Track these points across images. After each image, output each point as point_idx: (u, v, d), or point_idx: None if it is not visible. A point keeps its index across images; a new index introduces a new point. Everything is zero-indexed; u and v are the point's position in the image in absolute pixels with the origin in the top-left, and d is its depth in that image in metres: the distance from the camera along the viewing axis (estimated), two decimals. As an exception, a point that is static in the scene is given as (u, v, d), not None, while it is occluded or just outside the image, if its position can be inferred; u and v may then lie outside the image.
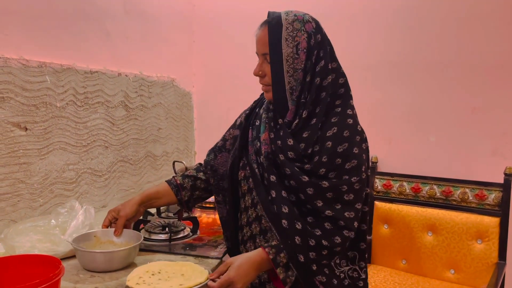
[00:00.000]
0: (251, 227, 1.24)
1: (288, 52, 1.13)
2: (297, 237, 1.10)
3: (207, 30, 2.72)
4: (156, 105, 2.29)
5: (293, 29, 1.13)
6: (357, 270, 1.23)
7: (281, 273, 1.09)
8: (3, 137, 1.40)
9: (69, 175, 1.70)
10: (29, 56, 1.50)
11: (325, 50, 1.15)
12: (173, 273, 1.17)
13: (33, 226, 1.35)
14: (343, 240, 1.12)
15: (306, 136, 1.15)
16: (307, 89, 1.15)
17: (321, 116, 1.15)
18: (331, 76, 1.15)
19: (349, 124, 1.15)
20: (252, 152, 1.25)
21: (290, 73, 1.14)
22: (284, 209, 1.13)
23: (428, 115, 2.28)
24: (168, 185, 1.41)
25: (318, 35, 1.15)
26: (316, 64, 1.14)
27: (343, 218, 1.11)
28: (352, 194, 1.13)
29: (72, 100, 1.69)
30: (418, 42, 2.26)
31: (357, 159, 1.13)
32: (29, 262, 1.04)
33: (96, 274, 1.22)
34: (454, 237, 2.10)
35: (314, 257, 1.10)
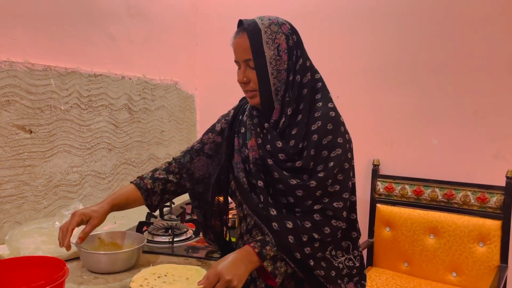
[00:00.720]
0: (246, 221, 1.27)
1: (270, 54, 1.16)
2: (290, 236, 1.12)
3: (210, 33, 2.74)
4: (159, 108, 2.31)
5: (271, 32, 1.17)
6: (352, 259, 1.25)
7: (268, 266, 1.10)
8: (8, 139, 1.42)
9: (73, 177, 1.72)
10: (34, 60, 1.52)
11: (302, 49, 1.20)
12: (179, 277, 1.18)
13: (38, 228, 1.37)
14: (333, 230, 1.15)
15: (295, 132, 1.18)
16: (290, 88, 1.18)
17: (305, 112, 1.18)
18: (309, 73, 1.20)
19: (331, 116, 1.18)
20: (239, 160, 1.26)
21: (274, 74, 1.17)
22: (272, 211, 1.16)
23: (430, 118, 2.28)
24: (137, 190, 1.34)
25: (294, 36, 1.20)
26: (296, 63, 1.18)
27: (331, 208, 1.14)
28: (337, 185, 1.16)
29: (76, 103, 1.71)
30: (420, 44, 2.27)
31: (341, 148, 1.16)
32: (34, 264, 1.05)
33: (100, 276, 1.23)
34: (456, 240, 2.10)
35: (309, 251, 1.13)
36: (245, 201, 1.23)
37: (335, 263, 1.20)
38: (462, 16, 2.17)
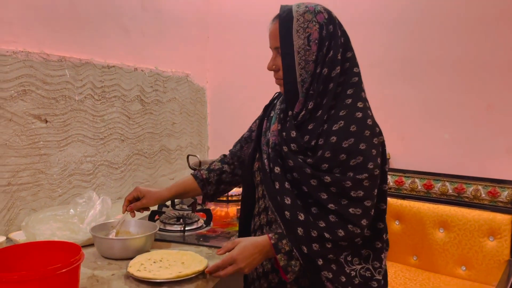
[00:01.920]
0: (260, 217, 1.25)
1: (299, 44, 1.12)
2: (300, 228, 1.09)
3: (221, 26, 2.75)
4: (170, 100, 2.33)
5: (304, 20, 1.12)
6: (370, 269, 1.16)
7: (281, 260, 1.09)
8: (25, 128, 1.45)
9: (86, 167, 1.75)
10: (49, 51, 1.55)
11: (336, 40, 1.13)
12: (174, 261, 1.21)
13: (53, 215, 1.40)
14: (348, 235, 1.08)
15: (311, 128, 1.14)
16: (316, 81, 1.13)
17: (327, 107, 1.12)
18: (340, 67, 1.13)
19: (357, 118, 1.10)
20: (264, 142, 1.25)
21: (301, 65, 1.13)
22: (287, 200, 1.12)
23: (442, 112, 2.27)
24: (194, 180, 1.43)
25: (330, 26, 1.13)
26: (326, 55, 1.12)
27: (346, 213, 1.08)
28: (361, 191, 1.08)
29: (90, 93, 1.74)
30: (432, 38, 2.26)
31: (363, 155, 1.08)
32: (50, 248, 1.08)
33: (113, 262, 1.26)
34: (466, 234, 2.10)
35: (318, 249, 1.08)
36: (265, 185, 1.20)
37: (347, 269, 1.13)
38: (475, 10, 2.16)
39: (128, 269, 1.15)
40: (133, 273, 1.12)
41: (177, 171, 2.43)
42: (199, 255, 1.25)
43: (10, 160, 1.41)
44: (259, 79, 2.66)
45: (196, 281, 1.15)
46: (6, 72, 1.38)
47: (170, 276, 1.12)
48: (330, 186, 1.09)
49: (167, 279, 1.11)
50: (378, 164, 1.11)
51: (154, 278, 1.11)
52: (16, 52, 1.41)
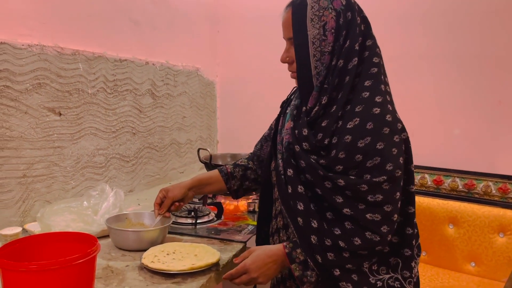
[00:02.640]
0: (276, 220, 1.20)
1: (314, 33, 1.03)
2: (313, 236, 1.03)
3: (231, 20, 2.75)
4: (181, 93, 2.34)
5: (319, 7, 1.03)
6: (400, 280, 1.06)
7: (296, 270, 1.04)
8: (39, 121, 1.47)
9: (99, 159, 1.76)
10: (63, 44, 1.56)
11: (354, 29, 1.03)
12: (187, 254, 1.23)
13: (67, 207, 1.42)
14: (365, 243, 1.00)
15: (325, 125, 1.04)
16: (331, 74, 1.04)
17: (342, 102, 1.03)
18: (357, 57, 1.03)
19: (374, 114, 1.00)
20: (279, 141, 1.18)
21: (317, 57, 1.04)
22: (300, 206, 1.05)
23: (453, 108, 2.26)
24: (219, 173, 1.40)
25: (348, 13, 1.03)
26: (343, 45, 1.03)
27: (363, 219, 0.99)
28: (380, 195, 0.99)
29: (102, 87, 1.75)
30: (443, 33, 2.24)
31: (382, 155, 0.98)
32: (66, 239, 1.09)
33: (127, 253, 1.28)
34: (475, 230, 2.10)
35: (333, 258, 1.01)
36: (278, 188, 1.14)
37: (372, 280, 1.04)
38: (487, 5, 2.14)
39: (142, 260, 1.17)
40: (147, 265, 1.14)
41: (187, 164, 2.44)
42: (211, 248, 1.27)
43: (25, 152, 1.42)
44: (269, 74, 2.66)
45: (209, 273, 1.16)
46: (22, 65, 1.39)
47: (184, 268, 1.13)
48: (345, 189, 1.00)
49: (180, 271, 1.12)
50: (399, 164, 1.01)
51: (168, 270, 1.12)
52: (31, 46, 1.42)
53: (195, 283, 1.11)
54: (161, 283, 1.10)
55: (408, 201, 1.07)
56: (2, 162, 1.35)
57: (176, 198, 1.35)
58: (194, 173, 2.50)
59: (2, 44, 1.33)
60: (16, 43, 1.37)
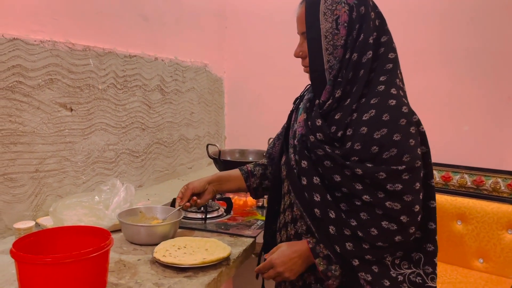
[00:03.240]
0: (285, 214, 1.20)
1: (326, 27, 1.04)
2: (331, 226, 1.03)
3: (239, 16, 2.75)
4: (189, 89, 2.35)
5: (332, 2, 1.04)
6: (422, 275, 1.05)
7: (320, 264, 1.04)
8: (51, 116, 1.48)
9: (109, 155, 1.78)
10: (74, 40, 1.57)
11: (368, 23, 1.04)
12: (198, 248, 1.24)
13: (79, 201, 1.43)
14: (382, 233, 0.99)
15: (338, 118, 1.05)
16: (345, 67, 1.04)
17: (357, 96, 1.03)
18: (372, 51, 1.04)
19: (390, 105, 1.00)
20: (291, 135, 1.20)
21: (329, 50, 1.05)
22: (316, 197, 1.05)
23: (461, 104, 2.25)
24: (239, 171, 1.43)
25: (361, 7, 1.04)
26: (357, 38, 1.03)
27: (382, 207, 0.99)
28: (400, 184, 0.98)
29: (112, 83, 1.76)
30: (452, 29, 2.23)
31: (398, 147, 0.98)
32: (80, 233, 1.11)
33: (138, 247, 1.29)
34: (484, 227, 2.10)
35: (352, 248, 1.01)
36: (289, 180, 1.14)
37: (393, 273, 1.03)
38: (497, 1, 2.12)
39: (154, 254, 1.18)
40: (159, 259, 1.15)
41: (195, 160, 2.45)
42: (222, 242, 1.28)
43: (37, 147, 1.44)
44: (277, 70, 2.66)
45: (220, 268, 1.18)
46: (34, 61, 1.40)
47: (195, 262, 1.14)
48: (364, 178, 1.00)
49: (192, 265, 1.14)
50: (418, 155, 1.00)
51: (180, 264, 1.13)
52: (43, 41, 1.43)
53: (207, 277, 1.12)
54: (172, 277, 1.11)
55: (430, 195, 1.07)
56: (15, 157, 1.37)
57: (195, 190, 1.37)
58: (202, 169, 2.52)
59: (15, 40, 1.34)
60: (29, 39, 1.38)
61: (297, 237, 1.15)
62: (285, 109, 1.93)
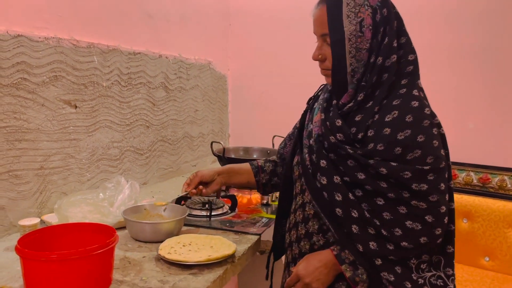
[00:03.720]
0: (295, 214, 1.19)
1: (350, 30, 1.02)
2: (354, 225, 1.02)
3: (243, 13, 2.74)
4: (193, 87, 2.34)
5: (355, 4, 1.02)
6: (442, 277, 1.05)
7: (347, 270, 1.03)
8: (56, 113, 1.48)
9: (113, 152, 1.78)
10: (79, 37, 1.56)
11: (391, 25, 1.03)
12: (203, 245, 1.24)
13: (83, 199, 1.43)
14: (407, 234, 0.98)
15: (359, 119, 1.04)
16: (369, 71, 1.04)
17: (379, 99, 1.03)
18: (396, 55, 1.04)
19: (413, 107, 1.00)
20: (305, 135, 1.18)
21: (352, 53, 1.04)
22: (338, 196, 1.03)
23: (467, 101, 2.23)
24: (249, 165, 1.42)
25: (384, 9, 1.03)
26: (381, 42, 1.03)
27: (407, 205, 0.98)
28: (425, 185, 0.98)
29: (117, 80, 1.76)
30: (459, 27, 2.21)
31: (422, 148, 0.98)
32: (85, 229, 1.11)
33: (143, 245, 1.29)
34: (490, 225, 2.08)
35: (375, 248, 1.00)
36: (306, 182, 1.12)
37: (414, 276, 1.02)
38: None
39: (159, 251, 1.17)
40: (164, 256, 1.15)
41: (199, 158, 2.45)
42: (227, 240, 1.27)
43: (42, 144, 1.44)
44: (281, 67, 2.65)
45: (226, 265, 1.17)
46: (39, 58, 1.40)
47: (200, 259, 1.14)
48: (388, 177, 0.99)
49: (197, 262, 1.13)
50: (442, 156, 1.01)
51: (185, 261, 1.13)
52: (47, 38, 1.43)
53: (212, 274, 1.12)
54: (178, 274, 1.11)
55: (450, 197, 1.06)
56: (20, 154, 1.37)
57: (204, 179, 1.36)
58: (206, 167, 2.51)
59: (19, 37, 1.33)
60: (33, 36, 1.38)
61: (307, 236, 1.14)
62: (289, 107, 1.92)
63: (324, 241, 1.11)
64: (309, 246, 1.13)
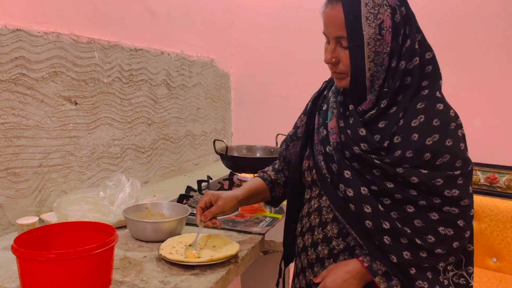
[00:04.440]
0: (310, 218, 1.13)
1: (370, 33, 0.95)
2: (386, 236, 0.97)
3: (246, 10, 2.71)
4: (196, 84, 2.31)
5: (374, 4, 0.94)
6: (465, 276, 1.05)
7: (381, 282, 0.99)
8: (55, 110, 1.45)
9: (114, 150, 1.75)
10: (79, 32, 1.53)
11: (411, 25, 0.97)
12: (205, 245, 1.20)
13: (83, 197, 1.40)
14: (440, 239, 0.96)
15: (383, 126, 0.99)
16: (391, 76, 0.98)
17: (403, 104, 0.99)
18: (418, 57, 0.99)
19: (439, 110, 0.97)
20: (317, 141, 1.11)
21: (371, 57, 0.97)
22: (367, 208, 0.98)
23: (473, 100, 2.20)
24: (263, 182, 1.30)
25: (402, 8, 0.97)
26: (402, 45, 0.97)
27: (439, 211, 0.96)
28: (456, 190, 0.95)
29: (118, 76, 1.73)
30: (463, 23, 2.18)
31: (451, 152, 0.95)
32: (84, 228, 1.08)
33: (144, 244, 1.26)
34: (497, 225, 2.05)
35: (409, 257, 0.97)
36: (327, 193, 1.07)
37: (441, 278, 1.01)
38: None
39: (160, 251, 1.14)
40: (165, 256, 1.12)
41: (201, 156, 2.42)
42: (230, 239, 1.24)
43: (41, 141, 1.41)
44: (284, 65, 2.62)
45: (228, 265, 1.14)
46: (38, 53, 1.37)
47: (202, 259, 1.11)
48: (420, 185, 0.96)
49: (199, 263, 1.10)
50: (468, 159, 0.99)
51: (186, 261, 1.10)
52: (47, 33, 1.40)
53: (214, 275, 1.08)
54: (179, 275, 1.07)
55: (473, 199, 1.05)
56: (18, 151, 1.34)
57: (224, 209, 1.20)
58: (209, 166, 2.48)
59: (18, 31, 1.31)
60: (32, 30, 1.35)
61: (326, 240, 1.08)
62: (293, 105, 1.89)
63: (344, 245, 1.06)
64: (328, 250, 1.08)
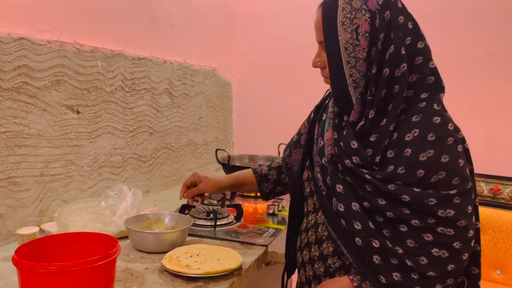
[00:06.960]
0: (307, 234, 1.11)
1: (346, 38, 0.93)
2: (375, 256, 0.93)
3: (248, 20, 2.71)
4: (198, 94, 2.30)
5: (351, 9, 0.93)
6: None
7: None
8: (58, 119, 1.44)
9: (116, 159, 1.73)
10: (82, 41, 1.53)
11: (396, 31, 0.93)
12: (210, 257, 1.19)
13: (85, 207, 1.38)
14: (433, 262, 0.90)
15: (374, 140, 0.95)
16: (373, 83, 0.94)
17: (393, 115, 0.94)
18: (405, 64, 0.93)
19: (435, 124, 0.92)
20: (316, 152, 1.09)
21: (351, 63, 0.95)
22: (357, 225, 0.95)
23: (477, 110, 2.19)
24: (253, 174, 1.37)
25: (386, 13, 0.93)
26: (384, 51, 0.93)
27: (433, 232, 0.90)
28: (452, 210, 0.89)
29: (120, 85, 1.72)
30: (468, 34, 2.18)
31: (446, 169, 0.90)
32: (86, 239, 1.06)
33: (146, 255, 1.24)
34: (501, 237, 2.03)
35: (399, 279, 0.92)
36: (322, 208, 1.04)
37: None
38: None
39: (162, 261, 1.14)
40: (164, 265, 1.11)
41: (203, 165, 2.40)
42: (236, 252, 1.21)
43: (43, 150, 1.39)
44: (286, 74, 2.62)
45: (232, 278, 1.12)
46: (41, 61, 1.36)
47: (199, 271, 1.09)
48: (412, 204, 0.91)
49: (195, 275, 1.08)
50: (468, 177, 0.92)
51: (183, 273, 1.09)
52: (50, 42, 1.39)
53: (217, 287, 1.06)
54: (182, 287, 1.06)
55: (476, 216, 0.98)
56: (20, 160, 1.32)
57: (203, 191, 1.37)
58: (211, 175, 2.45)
59: (22, 40, 1.30)
60: (35, 39, 1.34)
61: (321, 258, 1.06)
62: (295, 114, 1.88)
63: (340, 264, 1.03)
64: (324, 268, 1.06)
